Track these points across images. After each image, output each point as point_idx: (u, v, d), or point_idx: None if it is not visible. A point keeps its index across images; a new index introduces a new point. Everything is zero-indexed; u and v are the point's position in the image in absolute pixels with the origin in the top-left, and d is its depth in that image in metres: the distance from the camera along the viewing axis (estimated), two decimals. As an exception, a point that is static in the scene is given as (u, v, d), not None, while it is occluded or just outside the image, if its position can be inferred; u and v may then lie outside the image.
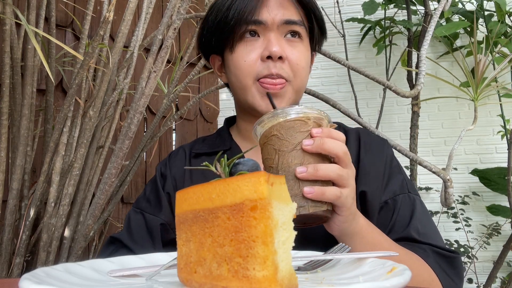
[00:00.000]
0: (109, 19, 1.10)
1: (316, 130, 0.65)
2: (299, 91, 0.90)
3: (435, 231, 0.86)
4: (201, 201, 0.43)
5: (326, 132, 0.66)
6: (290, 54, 0.86)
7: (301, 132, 0.65)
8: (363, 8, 2.52)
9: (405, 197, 0.87)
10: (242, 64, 0.87)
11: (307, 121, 0.66)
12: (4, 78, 1.13)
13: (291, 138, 0.65)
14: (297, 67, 0.87)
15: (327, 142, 0.65)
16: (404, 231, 0.83)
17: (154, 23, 2.08)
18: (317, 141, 0.65)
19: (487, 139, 2.67)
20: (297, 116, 0.66)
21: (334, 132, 0.67)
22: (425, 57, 1.25)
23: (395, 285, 0.38)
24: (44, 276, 0.44)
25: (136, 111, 1.05)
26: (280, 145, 0.65)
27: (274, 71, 0.84)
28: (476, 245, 2.49)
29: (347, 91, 2.74)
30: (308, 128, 0.66)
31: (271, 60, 0.84)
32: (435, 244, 0.82)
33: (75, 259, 1.22)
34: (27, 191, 1.26)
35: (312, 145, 0.64)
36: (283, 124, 0.66)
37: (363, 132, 0.96)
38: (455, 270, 0.81)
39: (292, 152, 0.65)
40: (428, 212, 0.91)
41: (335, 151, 0.65)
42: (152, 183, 0.99)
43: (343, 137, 0.67)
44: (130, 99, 1.92)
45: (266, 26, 0.86)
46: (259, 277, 0.38)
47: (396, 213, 0.85)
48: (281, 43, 0.86)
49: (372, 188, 0.86)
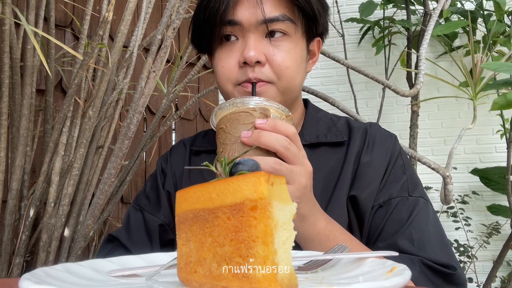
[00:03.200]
0: (108, 19, 1.10)
1: (260, 122, 0.61)
2: (288, 91, 0.81)
3: (437, 241, 0.77)
4: (201, 201, 0.43)
5: (270, 124, 0.61)
6: (272, 55, 0.77)
7: (244, 124, 0.61)
8: (360, 10, 2.52)
9: (403, 201, 0.80)
10: (220, 70, 0.81)
11: (252, 112, 0.62)
12: (4, 78, 1.13)
13: (234, 131, 0.61)
14: (280, 68, 0.78)
15: (265, 135, 0.60)
16: (392, 239, 0.76)
17: (154, 23, 2.08)
18: (255, 133, 0.60)
19: (487, 138, 2.67)
20: (242, 108, 0.62)
21: (279, 125, 0.62)
22: (424, 56, 1.25)
23: (395, 285, 0.38)
24: (44, 276, 0.44)
25: (135, 111, 1.05)
26: (224, 138, 0.62)
27: (252, 75, 0.76)
28: (476, 244, 2.49)
29: (346, 90, 2.74)
30: (253, 120, 0.61)
31: (248, 66, 0.77)
32: (428, 257, 0.73)
33: (75, 259, 1.22)
34: (26, 191, 1.26)
35: (249, 137, 0.60)
36: (229, 116, 0.62)
37: (373, 127, 0.90)
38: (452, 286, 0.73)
39: (234, 145, 0.61)
40: (437, 218, 0.82)
41: (273, 145, 0.61)
42: (152, 179, 0.99)
43: (291, 131, 0.63)
44: (129, 99, 1.92)
45: (243, 27, 0.78)
46: (259, 277, 0.38)
47: (387, 218, 0.78)
48: (261, 46, 0.77)
49: (366, 192, 0.81)
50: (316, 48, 0.90)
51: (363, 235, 0.82)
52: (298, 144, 0.66)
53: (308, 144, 0.88)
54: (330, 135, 0.89)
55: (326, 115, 0.95)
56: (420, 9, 2.57)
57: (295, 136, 0.64)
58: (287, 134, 0.63)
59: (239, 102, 0.63)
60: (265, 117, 0.63)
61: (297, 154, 0.64)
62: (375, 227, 0.79)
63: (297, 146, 0.65)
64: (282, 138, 0.62)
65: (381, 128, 0.92)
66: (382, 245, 0.76)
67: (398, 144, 0.90)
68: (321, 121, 0.92)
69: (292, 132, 0.63)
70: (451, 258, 0.75)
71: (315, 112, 0.95)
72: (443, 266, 0.73)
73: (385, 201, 0.80)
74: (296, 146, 0.65)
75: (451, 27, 2.23)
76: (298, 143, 0.65)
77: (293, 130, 0.64)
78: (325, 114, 0.96)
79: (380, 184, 0.82)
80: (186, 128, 2.48)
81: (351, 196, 0.82)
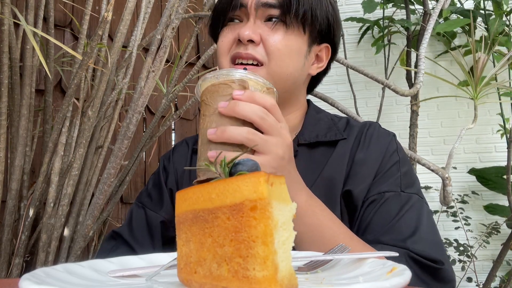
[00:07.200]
0: (107, 19, 1.10)
1: (237, 93, 0.61)
2: (278, 77, 0.82)
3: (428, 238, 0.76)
4: (200, 201, 0.43)
5: (247, 95, 0.62)
6: (267, 36, 0.81)
7: (223, 96, 0.62)
8: (362, 6, 2.51)
9: (395, 196, 0.80)
10: (219, 46, 0.87)
11: (231, 84, 0.62)
12: (3, 78, 1.13)
13: (213, 103, 0.62)
14: (272, 49, 0.81)
15: (240, 105, 0.61)
16: (378, 233, 0.76)
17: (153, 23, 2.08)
18: (232, 103, 0.61)
19: (487, 138, 2.68)
20: (222, 80, 0.62)
21: (257, 96, 0.62)
22: (424, 56, 1.25)
23: (395, 285, 0.38)
24: (44, 276, 0.44)
25: (135, 111, 1.05)
26: (204, 110, 0.63)
27: (244, 50, 0.81)
28: (476, 244, 2.49)
29: (346, 90, 2.74)
30: (231, 91, 0.62)
31: (242, 43, 0.81)
32: (415, 251, 0.72)
33: (75, 259, 1.22)
34: (26, 192, 1.26)
35: (226, 107, 0.61)
36: (209, 88, 0.63)
37: (372, 126, 0.91)
38: (440, 283, 0.72)
39: (212, 117, 0.61)
40: (430, 216, 0.82)
41: (249, 115, 0.61)
42: (155, 177, 0.99)
43: (270, 102, 0.63)
44: (129, 99, 1.92)
45: (246, 10, 0.84)
46: (259, 277, 0.38)
47: (374, 212, 0.79)
48: (258, 27, 0.82)
49: (359, 187, 0.81)
50: (324, 54, 0.92)
51: (353, 228, 0.82)
52: (278, 116, 0.66)
53: (308, 144, 0.88)
54: (330, 134, 0.89)
55: (327, 116, 0.96)
56: (420, 9, 2.57)
57: (274, 107, 0.65)
58: (264, 105, 0.63)
59: (221, 73, 0.63)
60: (243, 89, 0.63)
61: (273, 124, 0.64)
62: (364, 220, 0.79)
63: (276, 117, 0.65)
64: (258, 108, 0.62)
65: (380, 127, 0.92)
66: (370, 237, 0.76)
67: (395, 142, 0.90)
68: (321, 121, 0.93)
69: (270, 104, 0.64)
70: (440, 254, 0.75)
71: (316, 112, 0.96)
72: (430, 261, 0.72)
73: (376, 196, 0.80)
74: (275, 117, 0.65)
75: (452, 25, 2.23)
76: (277, 115, 0.66)
77: (271, 102, 0.64)
78: (326, 114, 0.96)
79: (373, 180, 0.83)
80: (186, 128, 2.48)
81: (345, 191, 0.82)
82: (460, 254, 2.44)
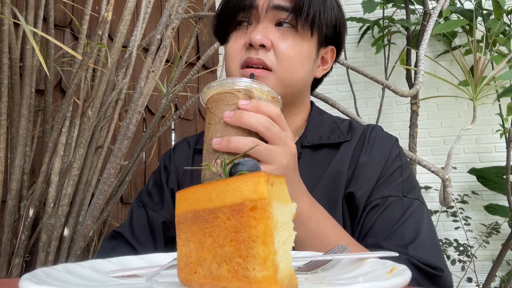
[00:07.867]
0: (107, 19, 1.10)
1: (243, 102, 0.62)
2: (287, 83, 0.82)
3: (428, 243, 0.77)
4: (201, 201, 0.43)
5: (252, 105, 0.62)
6: (278, 42, 0.81)
7: (228, 105, 0.62)
8: (362, 6, 2.51)
9: (397, 201, 0.80)
10: (228, 50, 0.85)
11: (236, 93, 0.62)
12: (3, 78, 1.13)
13: (218, 111, 0.62)
14: (282, 55, 0.81)
15: (246, 115, 0.61)
16: (380, 237, 0.76)
17: (153, 23, 2.08)
18: (237, 113, 0.61)
19: (486, 138, 2.67)
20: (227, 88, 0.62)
21: (262, 106, 0.63)
22: (424, 55, 1.25)
23: (395, 285, 0.38)
24: (44, 276, 0.44)
25: (134, 111, 1.05)
26: (209, 118, 0.63)
27: (254, 55, 0.80)
28: (476, 244, 2.49)
29: (346, 90, 2.74)
30: (237, 101, 0.62)
31: (253, 48, 0.80)
32: (416, 257, 0.72)
33: (74, 259, 1.22)
34: (26, 192, 1.26)
35: (231, 117, 0.61)
36: (215, 97, 0.63)
37: (374, 129, 0.91)
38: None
39: (217, 125, 0.62)
40: (430, 222, 0.82)
41: (254, 125, 0.61)
42: (155, 176, 0.99)
43: (275, 111, 0.64)
44: (129, 99, 1.92)
45: (256, 13, 0.82)
46: (259, 277, 0.38)
47: (377, 216, 0.79)
48: (268, 32, 0.81)
49: (362, 190, 0.81)
50: (329, 56, 0.92)
51: (354, 232, 0.82)
52: (282, 125, 0.66)
53: (311, 146, 0.88)
54: (333, 136, 0.90)
55: (330, 117, 0.96)
56: (420, 9, 2.57)
57: (279, 117, 0.65)
58: (269, 115, 0.64)
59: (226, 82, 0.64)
60: (249, 98, 0.63)
61: (278, 134, 0.64)
62: (366, 224, 0.80)
63: (281, 127, 0.66)
64: (263, 118, 0.62)
65: (383, 131, 0.93)
66: (371, 241, 0.77)
67: (398, 146, 0.90)
68: (324, 122, 0.93)
69: (275, 113, 0.64)
70: (440, 261, 0.75)
71: (319, 114, 0.96)
72: (430, 267, 0.73)
73: (379, 200, 0.81)
74: (280, 127, 0.65)
75: (452, 26, 2.23)
76: (282, 124, 0.66)
77: (276, 111, 0.64)
78: (329, 116, 0.97)
79: (375, 183, 0.83)
80: (186, 128, 2.48)
81: (348, 193, 0.82)
82: (460, 254, 2.44)
